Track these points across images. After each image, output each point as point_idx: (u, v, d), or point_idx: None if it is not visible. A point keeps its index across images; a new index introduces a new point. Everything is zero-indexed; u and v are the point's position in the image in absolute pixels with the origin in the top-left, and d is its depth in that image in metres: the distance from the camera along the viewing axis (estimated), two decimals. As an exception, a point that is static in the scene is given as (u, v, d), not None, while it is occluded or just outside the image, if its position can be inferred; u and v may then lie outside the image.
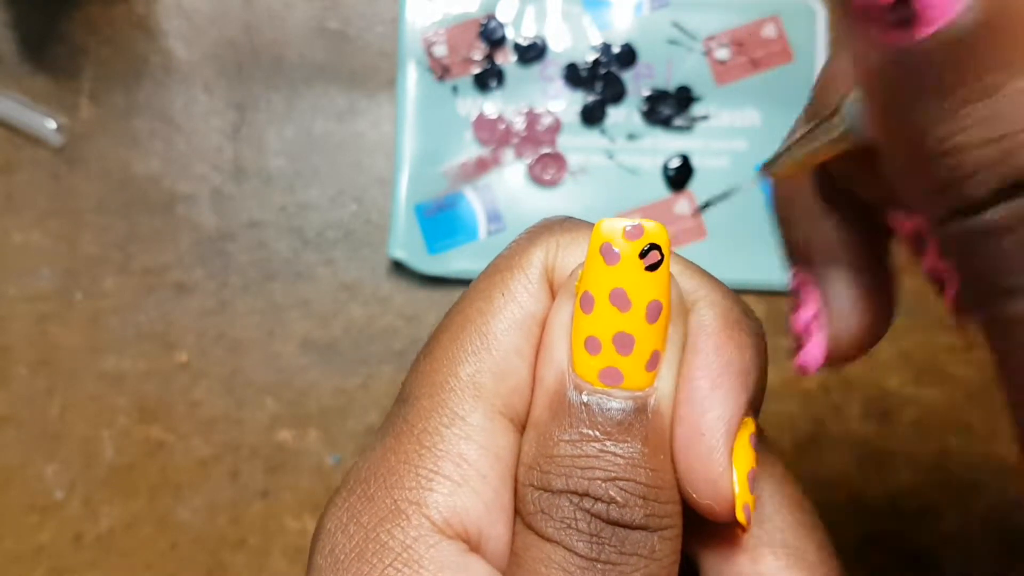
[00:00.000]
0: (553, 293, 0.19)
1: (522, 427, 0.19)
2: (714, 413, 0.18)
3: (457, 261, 0.41)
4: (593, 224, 0.19)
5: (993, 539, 0.40)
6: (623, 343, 0.18)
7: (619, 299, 0.18)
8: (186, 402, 0.41)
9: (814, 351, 0.23)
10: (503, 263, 0.20)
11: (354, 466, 0.19)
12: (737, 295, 0.20)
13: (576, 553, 0.18)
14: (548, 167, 0.41)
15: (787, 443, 0.41)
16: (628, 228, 0.18)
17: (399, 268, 0.41)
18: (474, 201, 0.41)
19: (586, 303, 0.18)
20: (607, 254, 0.18)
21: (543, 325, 0.19)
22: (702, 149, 0.41)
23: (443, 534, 0.18)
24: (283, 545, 0.40)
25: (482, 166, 0.41)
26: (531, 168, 0.41)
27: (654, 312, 0.18)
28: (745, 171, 0.42)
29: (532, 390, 0.19)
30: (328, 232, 0.41)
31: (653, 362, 0.18)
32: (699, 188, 0.41)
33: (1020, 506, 0.41)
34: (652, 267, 0.18)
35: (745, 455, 0.19)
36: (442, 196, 0.41)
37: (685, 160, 0.41)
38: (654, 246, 0.18)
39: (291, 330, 0.41)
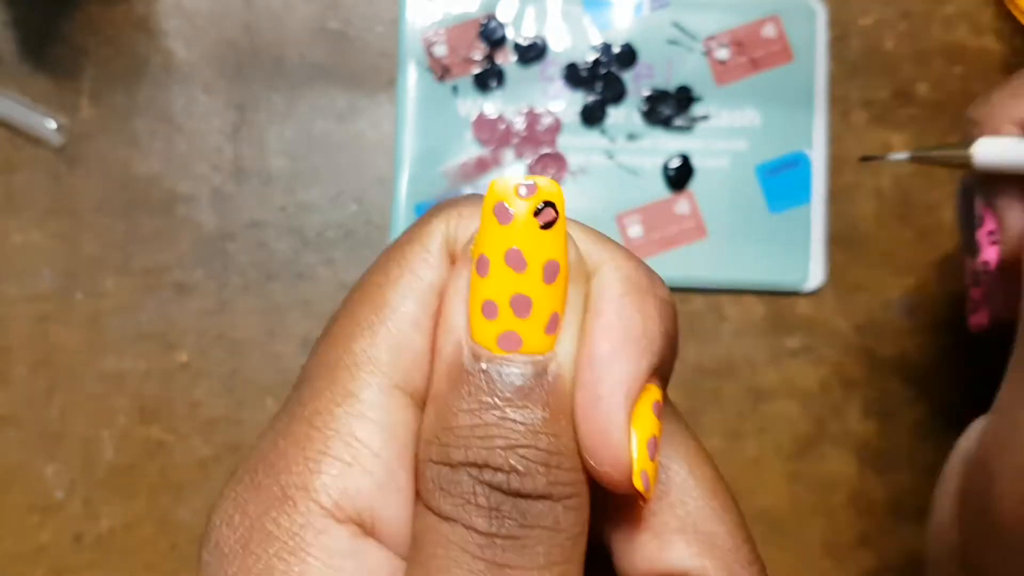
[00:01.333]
0: (453, 265, 0.19)
1: (421, 402, 0.18)
2: (613, 377, 0.17)
3: (457, 261, 0.41)
4: None
5: (993, 539, 0.40)
6: (520, 305, 0.17)
7: (514, 259, 0.17)
8: (186, 402, 0.41)
9: (990, 255, 0.31)
10: (403, 237, 0.19)
11: (247, 454, 0.19)
12: (643, 262, 0.19)
13: (475, 530, 0.17)
14: (548, 167, 0.41)
15: (787, 443, 0.41)
16: (520, 185, 0.17)
17: (399, 268, 0.41)
18: (474, 201, 0.41)
19: (482, 266, 0.17)
20: (500, 213, 0.17)
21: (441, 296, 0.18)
22: (702, 149, 0.41)
23: (333, 518, 0.17)
24: (283, 545, 0.40)
25: (482, 166, 0.41)
26: (531, 168, 0.41)
27: (551, 272, 0.17)
28: (745, 171, 0.42)
29: (432, 364, 0.18)
30: (328, 232, 0.41)
31: (552, 325, 0.17)
32: (699, 188, 0.41)
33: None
34: (547, 225, 0.17)
35: (646, 422, 0.18)
36: (442, 196, 0.41)
37: (685, 160, 0.41)
38: (548, 203, 0.17)
39: (291, 330, 0.41)
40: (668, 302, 0.19)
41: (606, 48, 0.42)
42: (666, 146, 0.42)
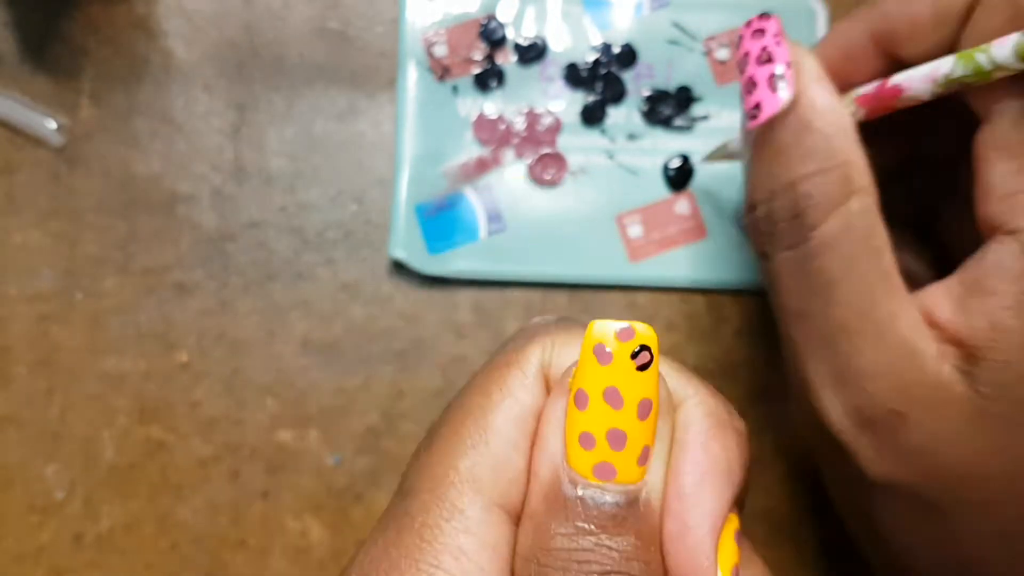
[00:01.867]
0: (549, 390, 0.20)
1: (517, 518, 0.20)
2: (702, 508, 0.19)
3: (458, 261, 0.41)
4: (585, 326, 0.20)
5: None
6: (616, 439, 0.19)
7: (612, 397, 0.19)
8: (186, 402, 0.41)
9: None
10: (501, 360, 0.21)
11: (354, 559, 0.20)
12: (722, 396, 0.21)
13: None
14: (548, 167, 0.41)
15: (788, 443, 0.41)
16: (619, 330, 0.19)
17: (399, 268, 0.41)
18: (474, 201, 0.41)
19: (580, 400, 0.19)
20: (600, 354, 0.19)
21: (538, 420, 0.20)
22: (703, 149, 0.41)
23: None
24: (283, 545, 0.40)
25: (482, 166, 0.41)
26: (531, 168, 0.41)
27: (645, 410, 0.19)
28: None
29: (527, 483, 0.20)
30: (328, 232, 0.41)
31: (644, 457, 0.19)
32: (700, 188, 0.41)
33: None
34: (642, 367, 0.19)
35: (730, 550, 0.19)
36: (442, 196, 0.41)
37: (685, 160, 0.41)
38: (644, 347, 0.19)
39: (291, 330, 0.41)
40: (745, 435, 0.21)
41: (606, 48, 0.42)
42: (666, 146, 0.42)
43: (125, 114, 0.42)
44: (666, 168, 0.41)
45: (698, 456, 0.19)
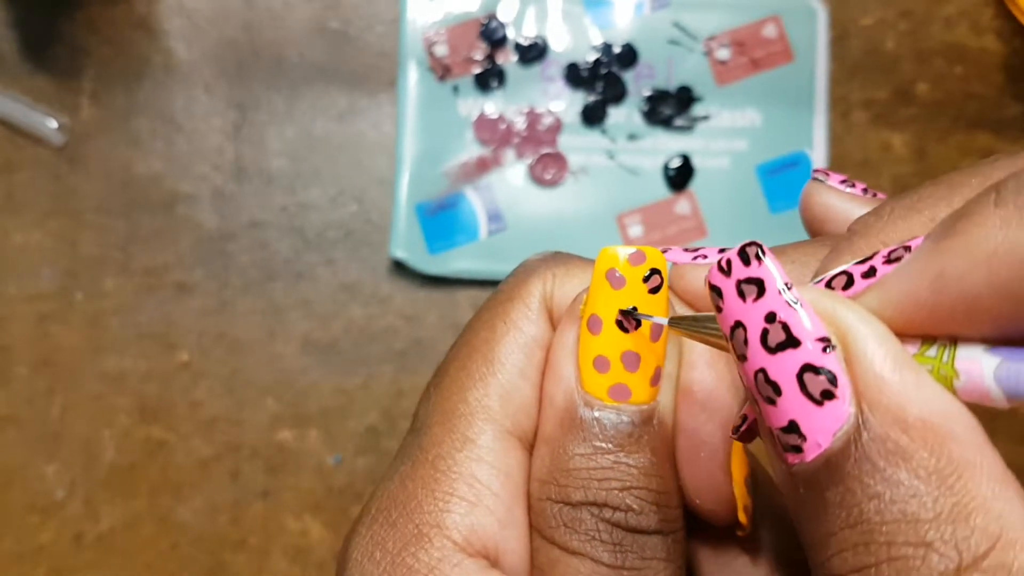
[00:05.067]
0: (551, 320, 0.21)
1: (528, 444, 0.20)
2: (713, 423, 0.19)
3: (458, 261, 0.41)
4: (581, 257, 0.21)
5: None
6: (630, 361, 0.19)
7: (626, 320, 0.19)
8: (187, 402, 0.41)
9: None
10: (503, 295, 0.21)
11: (373, 495, 0.20)
12: None
13: (603, 563, 0.18)
14: (549, 167, 0.41)
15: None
16: (631, 255, 0.19)
17: (400, 268, 0.41)
18: (475, 201, 0.41)
19: (594, 325, 0.19)
20: (612, 279, 0.19)
21: (545, 348, 0.20)
22: (703, 149, 0.41)
23: (465, 552, 0.19)
24: (283, 545, 0.40)
25: (483, 166, 0.41)
26: (532, 168, 0.41)
27: (657, 331, 0.19)
28: (745, 171, 0.42)
29: (539, 409, 0.20)
30: (329, 232, 0.41)
31: (656, 377, 0.19)
32: (700, 188, 0.41)
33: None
34: (654, 290, 0.19)
35: (741, 462, 0.20)
36: (443, 196, 0.41)
37: (686, 160, 0.41)
38: (655, 271, 0.19)
39: (292, 330, 0.41)
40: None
41: (607, 48, 0.42)
42: (667, 146, 0.42)
43: (125, 114, 0.42)
44: (666, 168, 0.41)
45: (705, 373, 0.20)
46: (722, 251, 0.20)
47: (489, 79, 0.41)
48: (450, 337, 0.41)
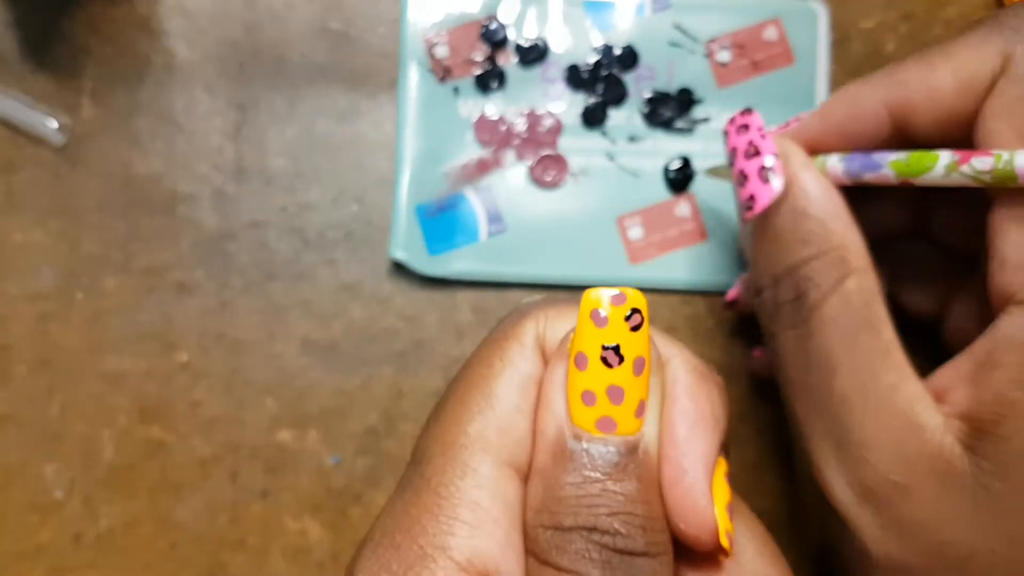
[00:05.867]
0: (544, 358, 0.22)
1: (524, 475, 0.21)
2: (694, 453, 0.21)
3: (458, 262, 0.41)
4: (572, 302, 0.22)
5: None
6: (615, 394, 0.20)
7: (609, 356, 0.20)
8: (186, 402, 0.41)
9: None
10: (499, 335, 0.23)
11: (377, 521, 0.21)
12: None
13: None
14: (549, 169, 0.41)
15: (787, 443, 0.41)
16: (613, 296, 0.21)
17: (400, 269, 0.41)
18: (475, 202, 0.41)
19: (580, 361, 0.21)
20: (596, 319, 0.21)
21: (538, 385, 0.22)
22: (703, 151, 0.41)
23: (467, 573, 0.20)
24: (283, 545, 0.40)
25: (483, 167, 0.41)
26: (532, 169, 0.41)
27: (639, 366, 0.21)
28: (746, 173, 0.42)
29: (533, 442, 0.21)
30: (329, 233, 0.41)
31: (640, 410, 0.21)
32: (700, 190, 0.41)
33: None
34: (635, 328, 0.20)
35: (722, 489, 0.21)
36: (443, 197, 0.41)
37: (686, 162, 0.41)
38: (635, 310, 0.21)
39: (291, 330, 0.41)
40: (723, 388, 0.23)
41: (607, 50, 0.42)
42: (667, 148, 0.42)
43: (126, 114, 0.42)
44: (667, 170, 0.41)
45: (687, 407, 0.21)
46: (796, 119, 0.32)
47: (490, 80, 0.41)
48: (450, 338, 0.41)
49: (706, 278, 0.41)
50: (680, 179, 0.41)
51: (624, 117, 0.42)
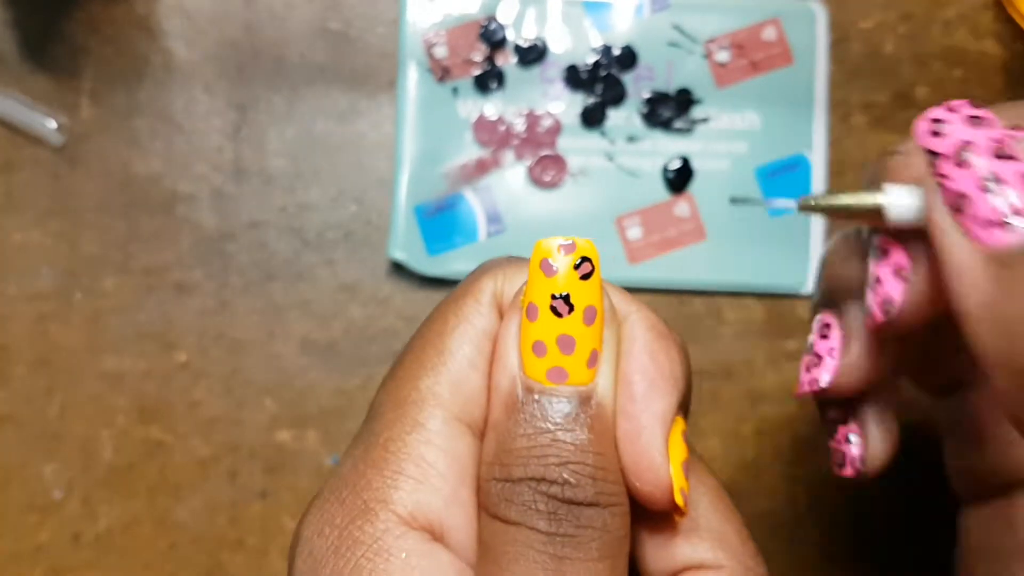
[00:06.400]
0: (501, 315, 0.22)
1: (479, 431, 0.21)
2: (652, 410, 0.21)
3: (457, 262, 0.41)
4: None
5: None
6: (565, 344, 0.20)
7: (559, 305, 0.20)
8: (185, 402, 0.41)
9: (824, 373, 0.25)
10: (457, 292, 0.23)
11: (328, 481, 0.21)
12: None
13: (538, 530, 0.20)
14: (548, 169, 0.41)
15: (786, 446, 0.41)
16: (562, 245, 0.20)
17: (399, 269, 0.41)
18: (474, 202, 0.41)
19: (532, 312, 0.21)
20: (546, 268, 0.20)
21: (494, 340, 0.22)
22: (702, 151, 0.41)
23: (409, 526, 0.20)
24: (282, 545, 0.40)
25: (482, 167, 0.41)
26: (531, 170, 0.41)
27: (590, 316, 0.20)
28: (744, 173, 0.42)
29: (487, 397, 0.21)
30: (328, 233, 0.41)
31: (592, 360, 0.20)
32: (699, 190, 0.41)
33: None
34: (585, 276, 0.20)
35: (679, 448, 0.21)
36: (442, 197, 0.41)
37: (685, 162, 0.41)
38: (585, 259, 0.20)
39: (291, 330, 0.41)
40: (684, 348, 0.23)
41: (606, 50, 0.42)
42: (666, 148, 0.42)
43: (125, 114, 0.42)
44: (665, 170, 0.41)
45: (645, 363, 0.21)
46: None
47: (489, 81, 0.41)
48: (449, 338, 0.41)
49: (705, 278, 0.41)
50: (679, 179, 0.41)
51: (623, 117, 0.42)
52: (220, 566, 0.40)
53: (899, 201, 0.21)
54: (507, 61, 0.42)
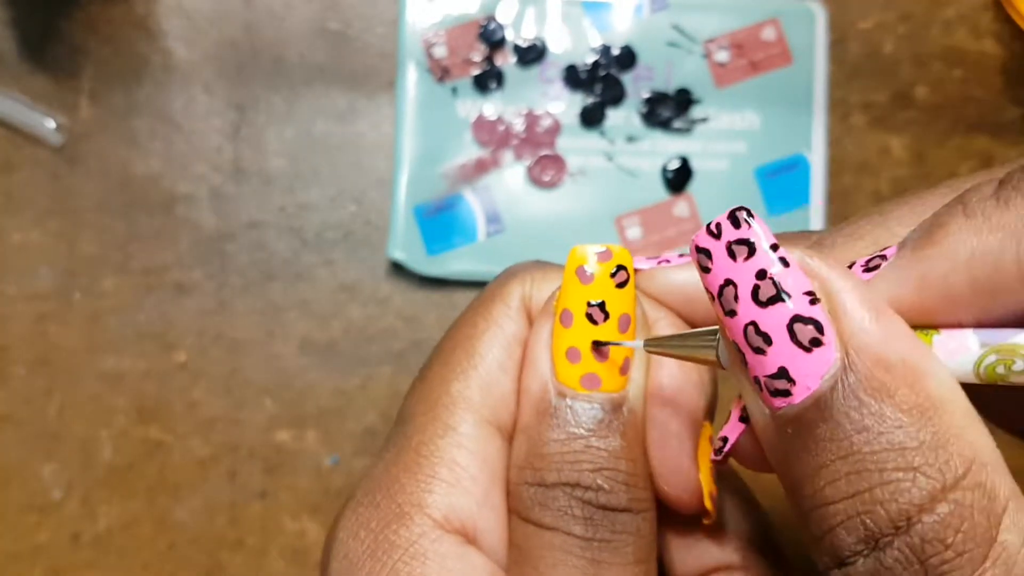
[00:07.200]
0: (530, 319, 0.22)
1: (508, 434, 0.21)
2: (680, 416, 0.21)
3: (456, 262, 0.41)
4: (560, 266, 0.22)
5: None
6: (600, 351, 0.20)
7: (595, 312, 0.20)
8: (185, 402, 0.41)
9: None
10: (486, 296, 0.23)
11: (361, 481, 0.22)
12: None
13: (574, 536, 0.20)
14: (547, 169, 0.41)
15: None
16: (599, 252, 0.21)
17: (398, 269, 0.41)
18: (473, 202, 0.41)
19: (566, 318, 0.21)
20: (582, 275, 0.21)
21: (523, 344, 0.22)
22: (701, 151, 0.41)
23: (443, 529, 0.20)
24: (281, 546, 0.40)
25: (481, 167, 0.41)
26: (530, 170, 0.41)
27: (624, 323, 0.21)
28: (744, 173, 0.42)
29: (517, 400, 0.21)
30: (327, 233, 0.41)
31: (625, 367, 0.21)
32: (698, 190, 0.41)
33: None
34: (621, 284, 0.21)
35: (706, 452, 0.21)
36: (441, 197, 0.41)
37: (684, 162, 0.41)
38: (621, 267, 0.21)
39: (290, 331, 0.41)
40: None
41: (606, 50, 0.42)
42: (665, 148, 0.42)
43: (124, 114, 0.42)
44: (665, 170, 0.41)
45: (674, 369, 0.21)
46: (682, 255, 0.22)
47: (488, 81, 0.41)
48: (448, 338, 0.41)
49: (704, 278, 0.41)
50: (678, 179, 0.41)
51: (622, 117, 0.42)
52: (219, 566, 0.40)
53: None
54: (506, 61, 0.42)
